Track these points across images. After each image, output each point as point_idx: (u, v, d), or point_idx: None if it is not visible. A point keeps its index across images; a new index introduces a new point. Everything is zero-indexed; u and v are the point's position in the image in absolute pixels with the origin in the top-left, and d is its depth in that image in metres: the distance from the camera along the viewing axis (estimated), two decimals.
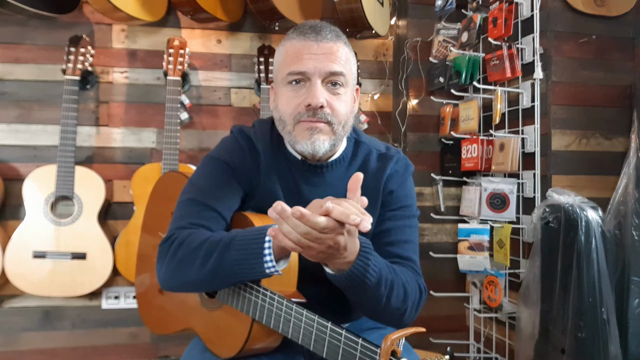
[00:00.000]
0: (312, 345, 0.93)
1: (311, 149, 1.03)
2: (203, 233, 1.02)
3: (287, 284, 1.05)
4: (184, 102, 2.15)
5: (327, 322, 0.92)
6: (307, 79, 1.02)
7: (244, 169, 1.10)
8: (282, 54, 1.07)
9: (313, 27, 1.04)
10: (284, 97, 1.05)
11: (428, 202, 2.25)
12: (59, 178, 1.93)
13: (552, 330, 1.63)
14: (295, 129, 1.04)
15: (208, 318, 1.18)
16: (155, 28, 2.22)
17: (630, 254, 1.67)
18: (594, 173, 1.84)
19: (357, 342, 0.86)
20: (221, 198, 1.08)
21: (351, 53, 1.09)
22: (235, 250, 0.95)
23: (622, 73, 1.86)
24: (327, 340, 0.91)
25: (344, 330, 0.89)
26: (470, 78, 2.01)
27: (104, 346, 2.18)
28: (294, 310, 0.97)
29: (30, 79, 2.12)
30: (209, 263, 0.97)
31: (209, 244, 0.98)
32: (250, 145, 1.12)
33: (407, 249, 1.12)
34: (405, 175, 1.17)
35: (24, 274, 1.92)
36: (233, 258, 0.95)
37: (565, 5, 1.83)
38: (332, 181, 1.12)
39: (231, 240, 0.97)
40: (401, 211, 1.14)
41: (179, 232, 1.03)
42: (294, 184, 1.11)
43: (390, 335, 0.81)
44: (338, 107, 1.03)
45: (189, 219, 1.05)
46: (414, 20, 2.31)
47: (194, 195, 1.08)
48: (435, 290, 2.07)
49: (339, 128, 1.05)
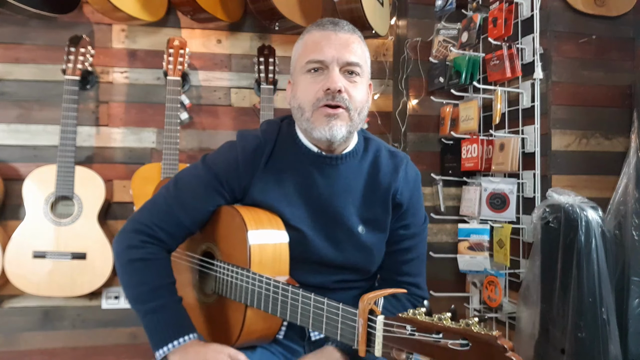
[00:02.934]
0: (299, 319, 0.98)
1: (329, 135, 1.06)
2: (159, 266, 1.11)
3: (279, 271, 1.09)
4: (184, 102, 2.15)
5: (310, 294, 0.96)
6: (326, 66, 1.06)
7: (236, 178, 1.14)
8: (301, 45, 1.12)
9: (331, 21, 1.11)
10: (302, 85, 1.09)
11: (428, 202, 2.25)
12: (59, 178, 1.93)
13: (552, 330, 1.63)
14: (314, 115, 1.07)
15: (205, 312, 1.20)
16: (155, 28, 2.22)
17: (630, 254, 1.67)
18: (594, 173, 1.84)
19: (338, 307, 0.90)
20: (192, 210, 1.14)
21: (366, 48, 1.14)
22: (152, 319, 1.06)
23: (622, 73, 1.86)
24: (312, 311, 0.95)
25: (325, 298, 0.93)
26: (470, 78, 2.01)
27: (104, 346, 2.18)
28: (281, 289, 1.01)
29: (30, 79, 2.12)
30: (136, 301, 1.09)
31: (149, 291, 1.08)
32: (251, 148, 1.14)
33: (417, 264, 1.21)
34: (417, 181, 1.22)
35: (24, 274, 1.92)
36: (148, 319, 1.06)
37: (565, 5, 1.83)
38: (345, 173, 1.14)
39: (160, 307, 1.06)
40: (416, 227, 1.20)
41: (142, 239, 1.11)
42: (308, 176, 1.14)
43: (367, 295, 0.83)
44: (355, 93, 1.07)
45: (154, 220, 1.12)
46: (414, 20, 2.31)
47: (170, 198, 1.14)
48: (435, 290, 2.07)
49: (355, 115, 1.08)
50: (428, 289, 1.25)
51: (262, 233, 1.09)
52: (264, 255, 1.09)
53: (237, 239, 1.10)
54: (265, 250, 1.09)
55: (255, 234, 1.08)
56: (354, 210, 1.14)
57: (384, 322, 0.80)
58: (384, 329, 0.80)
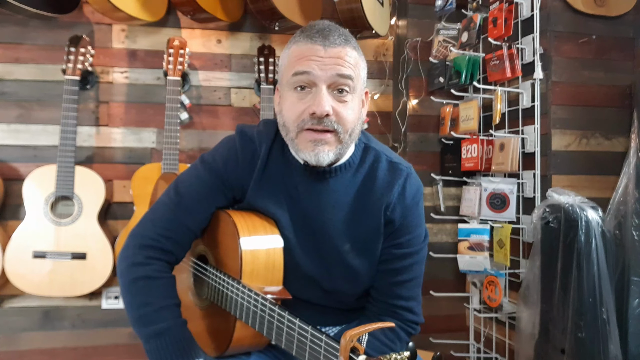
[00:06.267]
0: (283, 343, 0.94)
1: (314, 161, 1.00)
2: (164, 285, 1.06)
3: (272, 281, 1.06)
4: (184, 102, 2.15)
5: (296, 319, 0.91)
6: (313, 84, 0.98)
7: (235, 176, 1.09)
8: (287, 56, 1.02)
9: (321, 30, 0.99)
10: (288, 102, 1.01)
11: (428, 202, 2.25)
12: (59, 178, 1.93)
13: (552, 330, 1.63)
14: (299, 137, 1.00)
15: (199, 316, 1.19)
16: (155, 28, 2.22)
17: (630, 254, 1.67)
18: (594, 173, 1.84)
19: (321, 339, 0.85)
20: (197, 213, 1.10)
21: (361, 57, 1.04)
22: (155, 344, 1.00)
23: (622, 73, 1.86)
24: (296, 337, 0.90)
25: (309, 327, 0.88)
26: (470, 78, 2.01)
27: (104, 346, 2.18)
28: (268, 308, 0.97)
29: (30, 79, 2.12)
30: (138, 323, 1.03)
31: (153, 312, 1.02)
32: (249, 149, 1.10)
33: (411, 287, 1.10)
34: (416, 198, 1.11)
35: (24, 274, 1.92)
36: (152, 344, 1.00)
37: (565, 5, 1.83)
38: (335, 188, 1.07)
39: (165, 330, 1.01)
40: (410, 247, 1.09)
41: (148, 254, 1.06)
42: (294, 190, 1.08)
43: (350, 332, 0.78)
44: (345, 114, 0.99)
45: (159, 230, 1.07)
46: (414, 20, 2.31)
47: (173, 205, 1.09)
48: (435, 290, 2.07)
49: (346, 136, 1.00)
50: (428, 289, 1.24)
51: (255, 239, 1.06)
52: (256, 263, 1.05)
53: (230, 246, 1.07)
54: (257, 258, 1.05)
55: (248, 240, 1.05)
56: (341, 227, 1.07)
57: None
58: None
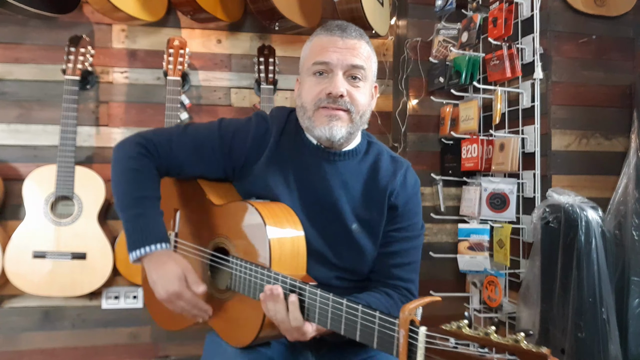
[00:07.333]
0: (329, 324, 0.95)
1: (328, 134, 1.10)
2: (149, 179, 1.17)
3: (297, 268, 1.08)
4: (184, 102, 2.15)
5: (343, 299, 0.93)
6: (330, 70, 1.11)
7: (240, 148, 1.18)
8: (309, 47, 1.16)
9: (339, 25, 1.14)
10: (307, 86, 1.14)
11: (428, 202, 2.25)
12: (59, 178, 1.93)
13: (552, 330, 1.63)
14: (315, 114, 1.12)
15: (220, 309, 1.18)
16: (155, 28, 2.21)
17: (630, 254, 1.67)
18: (594, 173, 1.84)
19: (375, 315, 0.88)
20: (187, 156, 1.19)
21: (372, 52, 1.17)
22: (132, 224, 1.11)
23: (622, 73, 1.86)
24: (344, 317, 0.93)
25: (360, 305, 0.90)
26: (470, 78, 2.01)
27: (104, 346, 2.18)
28: (308, 291, 0.97)
29: (30, 79, 2.12)
30: (123, 204, 1.14)
31: (136, 199, 1.14)
32: (263, 126, 1.19)
33: (409, 270, 1.19)
34: (416, 188, 1.23)
35: (24, 274, 1.91)
36: (129, 224, 1.12)
37: (565, 5, 1.83)
38: (343, 171, 1.17)
39: (141, 215, 1.12)
40: (409, 231, 1.20)
41: (140, 151, 1.17)
42: (306, 167, 1.17)
43: (408, 305, 0.83)
44: (357, 97, 1.12)
45: (155, 140, 1.18)
46: (414, 20, 2.31)
47: (176, 135, 1.20)
48: (435, 290, 2.07)
49: (357, 117, 1.12)
50: (428, 289, 1.26)
51: (280, 227, 1.09)
52: (283, 250, 1.07)
53: (255, 235, 1.09)
54: (284, 245, 1.08)
55: (274, 229, 1.07)
56: (349, 208, 1.16)
57: (426, 333, 0.79)
58: (426, 341, 0.79)
